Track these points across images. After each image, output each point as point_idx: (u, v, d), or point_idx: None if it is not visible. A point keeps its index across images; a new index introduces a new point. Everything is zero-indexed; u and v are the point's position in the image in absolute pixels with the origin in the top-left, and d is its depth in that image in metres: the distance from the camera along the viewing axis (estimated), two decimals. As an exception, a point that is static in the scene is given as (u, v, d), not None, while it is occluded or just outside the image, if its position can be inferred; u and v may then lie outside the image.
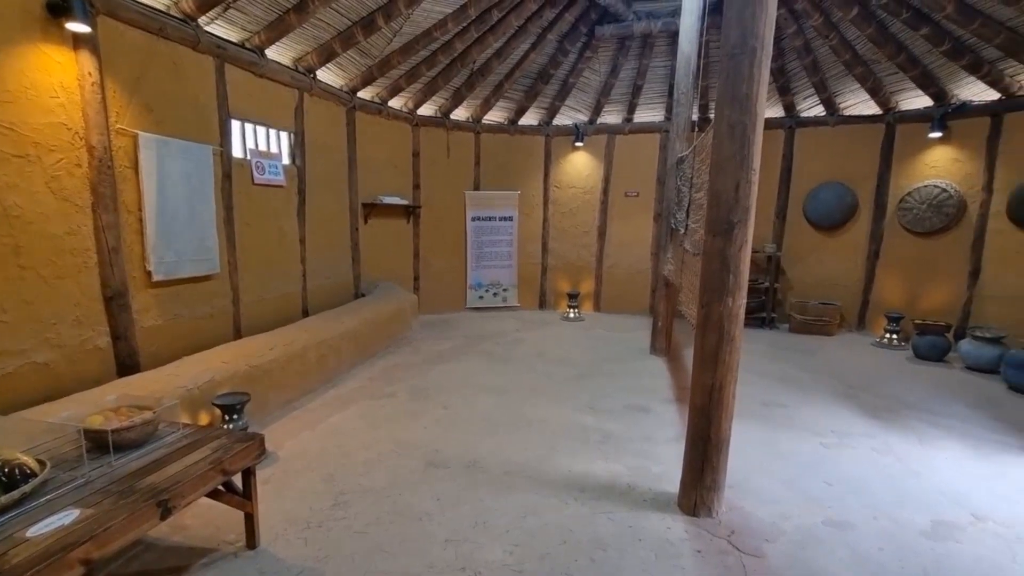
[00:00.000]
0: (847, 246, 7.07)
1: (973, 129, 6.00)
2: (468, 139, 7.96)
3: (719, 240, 2.44)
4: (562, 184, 8.27)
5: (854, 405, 4.40)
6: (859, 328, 7.07)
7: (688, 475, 2.75)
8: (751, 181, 2.35)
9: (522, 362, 5.60)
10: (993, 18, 4.82)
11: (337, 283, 6.32)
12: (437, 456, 3.41)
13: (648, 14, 6.30)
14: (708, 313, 2.53)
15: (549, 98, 7.71)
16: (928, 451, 3.55)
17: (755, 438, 3.73)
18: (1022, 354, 4.72)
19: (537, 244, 8.45)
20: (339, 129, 6.22)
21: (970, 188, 6.11)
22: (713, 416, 2.61)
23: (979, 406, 4.42)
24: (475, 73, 6.95)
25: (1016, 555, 2.44)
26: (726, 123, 2.35)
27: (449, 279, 8.14)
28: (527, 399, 4.47)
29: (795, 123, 7.16)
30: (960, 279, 6.21)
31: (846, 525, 2.67)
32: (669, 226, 5.52)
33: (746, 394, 4.59)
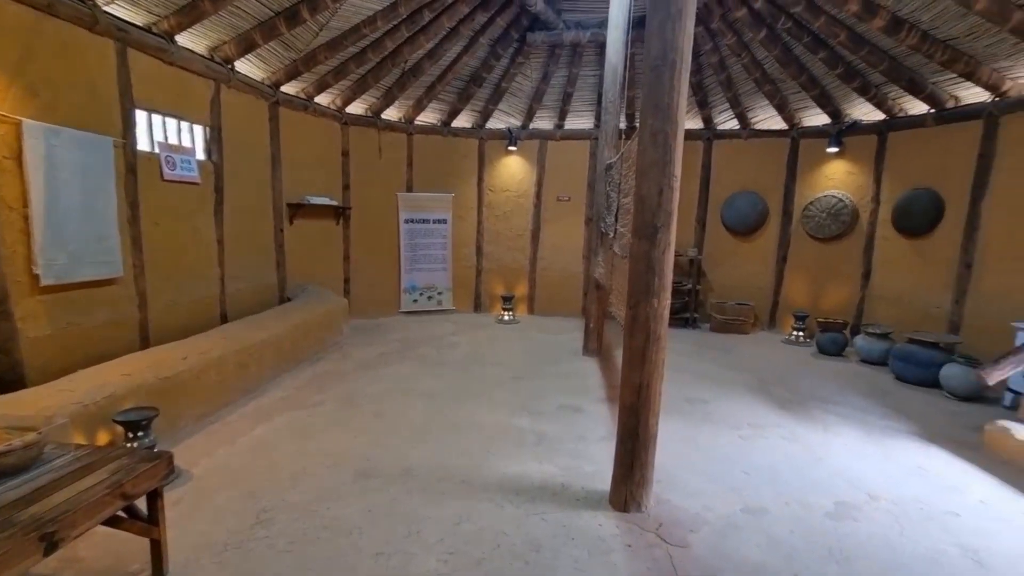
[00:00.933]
0: (759, 250, 7.61)
1: (863, 145, 6.67)
2: (400, 140, 7.81)
3: (644, 243, 2.54)
4: (496, 187, 8.30)
5: (767, 398, 4.73)
6: (770, 326, 7.63)
7: (618, 472, 2.83)
8: (673, 187, 2.47)
9: (457, 366, 5.55)
10: (878, 47, 5.39)
11: (260, 287, 5.97)
12: (368, 466, 3.29)
13: (577, 24, 6.48)
14: (635, 314, 2.62)
15: (482, 101, 7.72)
16: (830, 438, 3.88)
17: (680, 433, 3.91)
18: (906, 348, 5.28)
19: (472, 247, 8.43)
20: (261, 125, 5.89)
21: (862, 198, 6.78)
22: (641, 414, 2.70)
23: (871, 395, 4.89)
24: (407, 73, 6.83)
25: (903, 528, 2.72)
26: (649, 131, 2.45)
27: (382, 282, 7.93)
28: (462, 403, 4.43)
29: (713, 135, 7.62)
30: (855, 281, 6.87)
31: (761, 511, 2.86)
32: (599, 230, 5.69)
33: (671, 392, 4.81)
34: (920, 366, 5.08)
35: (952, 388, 4.77)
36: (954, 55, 4.91)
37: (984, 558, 2.49)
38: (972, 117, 5.36)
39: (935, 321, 5.75)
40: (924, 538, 2.64)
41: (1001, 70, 4.89)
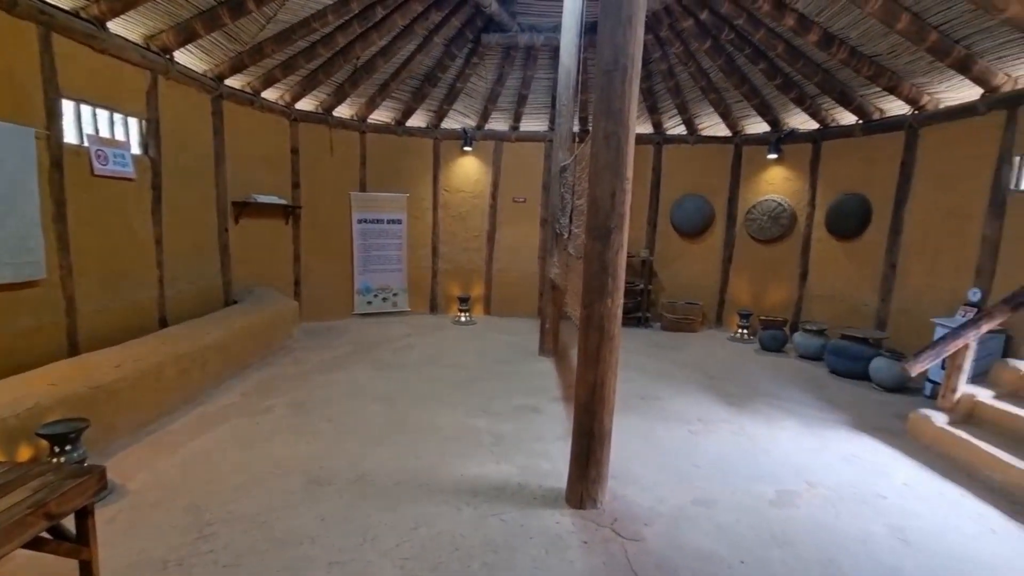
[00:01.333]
0: (707, 251, 7.92)
1: (800, 152, 7.07)
2: (353, 138, 7.63)
3: (598, 244, 2.59)
4: (452, 188, 8.25)
5: (715, 394, 4.93)
6: (717, 325, 7.95)
7: (574, 469, 2.88)
8: (625, 189, 2.53)
9: (413, 368, 5.47)
10: (812, 60, 5.73)
11: (203, 289, 5.68)
12: (321, 473, 3.19)
13: (531, 27, 6.54)
14: (590, 314, 2.67)
15: (437, 101, 7.66)
16: (773, 430, 4.08)
17: (635, 429, 4.01)
18: (839, 343, 5.63)
19: (427, 248, 8.33)
20: (203, 119, 5.61)
21: (799, 203, 7.18)
22: (596, 411, 2.76)
23: (809, 388, 5.19)
24: (359, 70, 6.68)
25: (839, 512, 2.90)
26: (602, 134, 2.51)
27: (335, 284, 7.72)
28: (418, 406, 4.38)
29: (662, 140, 7.88)
30: (793, 280, 7.27)
31: (711, 502, 2.97)
32: (554, 231, 5.76)
33: (626, 389, 4.93)
34: (851, 360, 5.43)
35: (880, 380, 5.12)
36: (878, 70, 5.28)
37: (908, 536, 2.69)
38: (895, 128, 5.78)
39: (865, 318, 6.16)
40: (856, 520, 2.83)
41: (919, 85, 5.30)
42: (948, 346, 3.73)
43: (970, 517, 2.89)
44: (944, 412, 3.81)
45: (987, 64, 4.56)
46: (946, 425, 3.68)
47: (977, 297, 4.70)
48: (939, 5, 4.30)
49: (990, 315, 3.71)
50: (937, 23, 4.46)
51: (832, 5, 4.90)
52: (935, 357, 3.77)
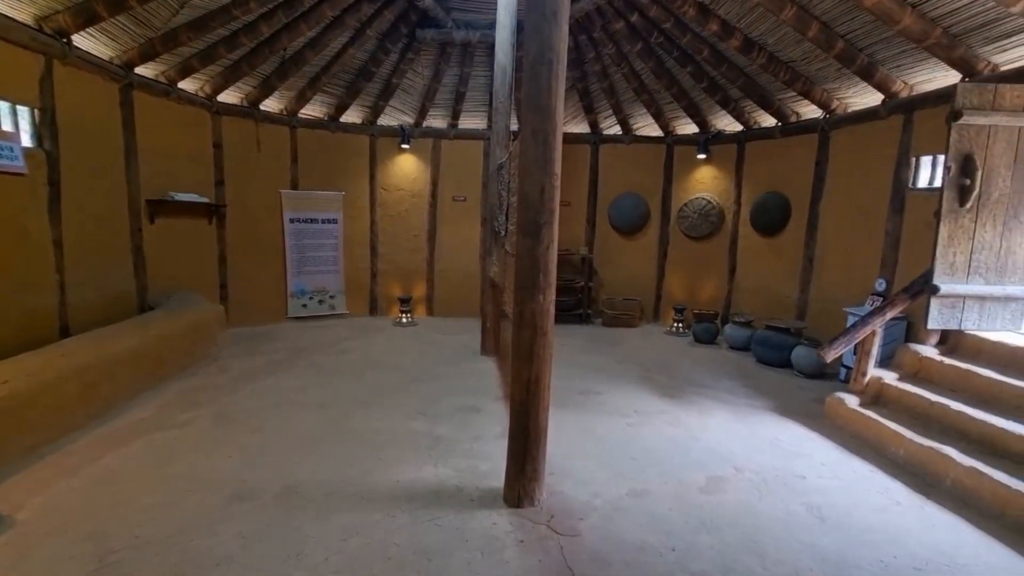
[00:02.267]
0: (643, 248, 8.16)
1: (726, 153, 7.42)
2: (283, 133, 7.28)
3: (529, 240, 2.58)
4: (390, 186, 8.05)
5: (652, 387, 5.06)
6: (655, 319, 8.21)
7: (511, 468, 2.85)
8: (554, 185, 2.53)
9: (350, 372, 5.28)
10: (735, 64, 6.01)
11: (113, 295, 5.21)
12: (244, 488, 3.00)
13: (467, 24, 6.48)
14: (522, 311, 2.65)
15: (372, 97, 7.44)
16: (704, 419, 4.24)
17: (574, 424, 4.05)
18: (764, 334, 5.95)
19: (365, 248, 8.09)
20: (110, 110, 5.16)
21: (726, 201, 7.53)
22: (531, 409, 2.74)
23: (738, 378, 5.44)
24: (287, 62, 6.37)
25: (762, 495, 3.04)
26: (530, 130, 2.50)
27: (266, 287, 7.33)
28: (354, 411, 4.22)
29: (599, 140, 8.03)
30: (723, 275, 7.62)
31: (645, 493, 3.03)
32: (493, 229, 5.73)
33: (566, 385, 4.98)
34: (775, 349, 5.74)
35: (801, 367, 5.45)
36: (794, 75, 5.61)
37: (825, 513, 2.85)
38: (809, 130, 6.17)
39: (788, 309, 6.54)
40: (779, 501, 2.97)
41: (830, 90, 5.68)
42: (858, 333, 4.01)
43: (878, 492, 3.11)
44: (855, 395, 4.09)
45: (887, 72, 4.94)
46: (857, 407, 3.95)
47: (883, 287, 5.10)
48: (845, 15, 4.61)
49: (893, 304, 4.02)
50: (843, 32, 4.79)
51: (751, 12, 5.16)
52: (847, 344, 4.04)
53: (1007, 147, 3.78)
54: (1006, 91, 3.71)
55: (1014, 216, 3.85)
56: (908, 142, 4.98)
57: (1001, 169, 3.80)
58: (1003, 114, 3.71)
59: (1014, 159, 3.79)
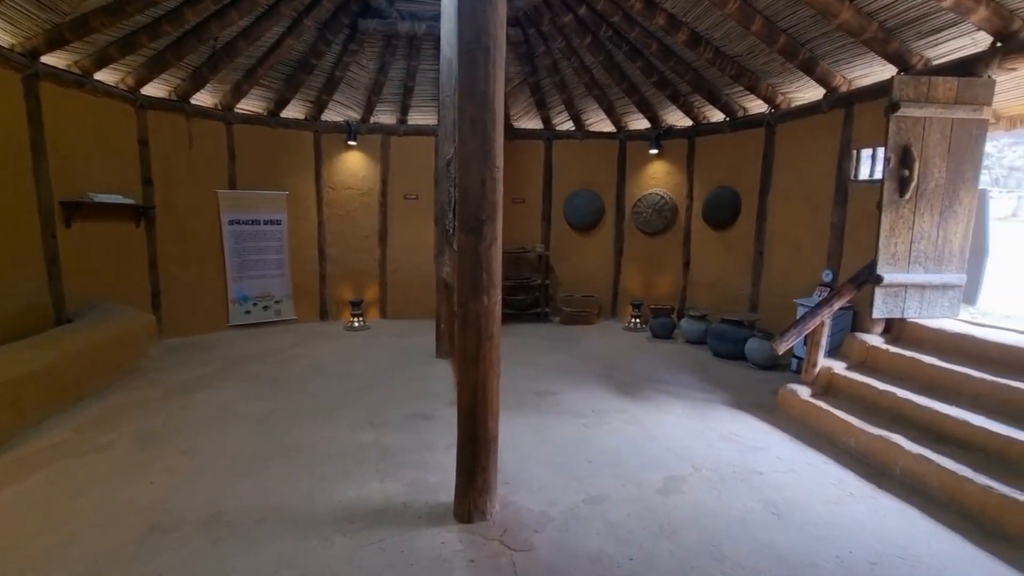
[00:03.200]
0: (599, 245, 8.13)
1: (677, 148, 7.47)
2: (218, 129, 6.82)
3: (470, 238, 2.41)
4: (337, 185, 7.70)
5: (609, 384, 4.98)
6: (613, 316, 8.19)
7: (461, 481, 2.68)
8: (496, 178, 2.37)
9: (294, 382, 4.97)
10: (683, 59, 6.02)
11: (23, 307, 4.71)
12: (165, 518, 2.70)
13: (411, 15, 6.23)
14: (466, 312, 2.48)
15: (315, 91, 7.08)
16: (662, 416, 4.18)
17: (529, 428, 3.91)
18: (719, 327, 5.99)
19: (313, 250, 7.71)
20: (11, 102, 4.64)
21: (679, 195, 7.58)
22: (479, 416, 2.57)
23: (694, 372, 5.44)
24: (218, 52, 5.95)
25: (720, 494, 2.98)
26: (468, 120, 2.33)
27: (204, 293, 6.86)
28: (296, 424, 3.94)
29: (552, 136, 7.94)
30: (678, 270, 7.67)
31: (602, 498, 2.92)
32: (444, 228, 5.52)
33: (523, 386, 4.85)
34: (730, 342, 5.79)
35: (754, 359, 5.51)
36: (740, 70, 5.66)
37: (781, 509, 2.82)
38: (756, 125, 6.26)
39: (740, 302, 6.62)
40: (736, 499, 2.92)
41: (774, 85, 5.76)
42: (807, 324, 4.04)
43: (832, 483, 3.11)
44: (807, 386, 4.13)
45: (827, 67, 5.03)
46: (809, 397, 3.98)
47: (830, 278, 5.20)
48: (787, 9, 4.65)
49: (840, 294, 4.07)
50: (786, 27, 4.84)
51: (697, 6, 5.15)
52: (798, 335, 4.07)
53: (941, 138, 3.88)
54: (939, 84, 3.80)
55: (949, 206, 3.96)
56: (849, 135, 5.09)
57: (936, 160, 3.90)
58: (937, 106, 3.81)
59: (947, 150, 3.90)
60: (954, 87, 3.79)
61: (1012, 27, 3.60)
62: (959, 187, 3.94)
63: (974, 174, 3.95)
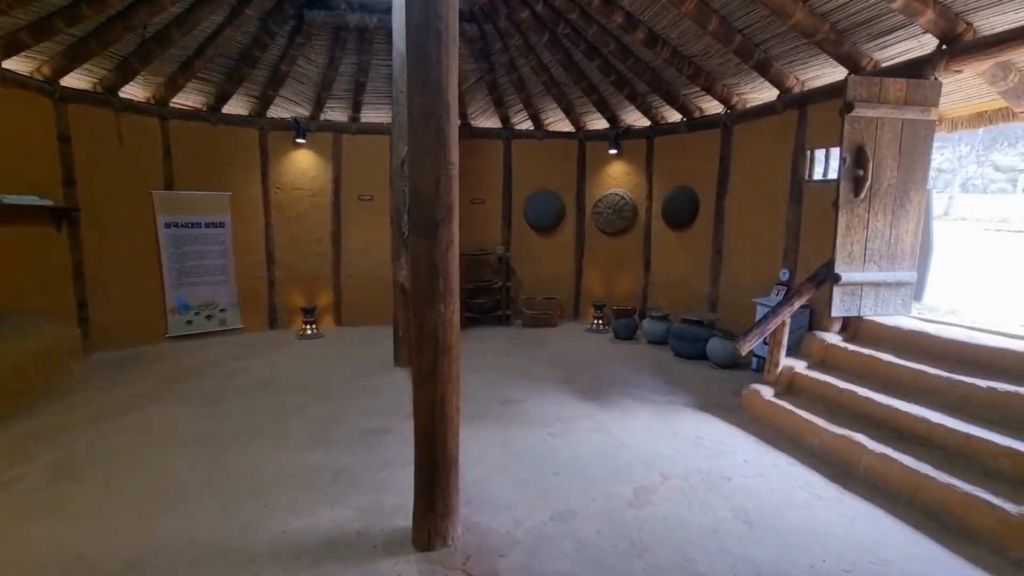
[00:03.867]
0: (560, 246, 8.03)
1: (636, 148, 7.46)
2: (151, 125, 6.30)
3: (425, 241, 2.21)
4: (285, 185, 7.28)
5: (574, 389, 4.86)
6: (575, 317, 8.11)
7: (419, 506, 2.47)
8: (451, 176, 2.18)
9: (239, 397, 4.60)
10: (641, 59, 5.99)
11: (-86, 326, 4.16)
12: (80, 564, 2.37)
13: (362, 6, 5.93)
14: (421, 322, 2.28)
15: (260, 85, 6.67)
16: (628, 421, 4.08)
17: (493, 440, 3.72)
18: (680, 327, 5.98)
19: (261, 254, 7.26)
20: (-103, 92, 4.10)
21: (639, 196, 7.58)
22: (438, 435, 2.37)
23: (658, 373, 5.39)
24: (148, 41, 5.48)
25: (691, 504, 2.88)
26: (419, 111, 2.13)
27: (138, 302, 6.31)
28: (238, 445, 3.61)
29: (511, 135, 7.79)
30: (639, 270, 7.66)
31: (570, 515, 2.77)
32: (399, 230, 5.27)
33: (486, 394, 4.66)
34: (691, 342, 5.78)
35: (716, 359, 5.52)
36: (696, 70, 5.67)
37: (752, 518, 2.74)
38: (713, 125, 6.30)
39: (700, 301, 6.66)
40: (707, 509, 2.83)
41: (730, 86, 5.80)
42: (769, 324, 4.04)
43: (799, 486, 3.08)
44: (770, 385, 4.13)
45: (781, 67, 5.09)
46: (772, 398, 3.98)
47: (786, 276, 5.26)
48: (742, 9, 4.66)
49: (799, 293, 4.09)
50: (741, 27, 4.86)
51: (654, 4, 5.11)
52: (760, 335, 4.06)
53: (892, 138, 3.95)
54: (890, 84, 3.86)
55: (901, 205, 4.04)
56: (803, 135, 5.17)
57: (888, 160, 3.97)
58: (888, 106, 3.87)
59: (899, 150, 3.97)
60: (904, 88, 3.86)
61: (957, 30, 3.69)
62: (910, 187, 4.02)
63: (923, 174, 4.04)
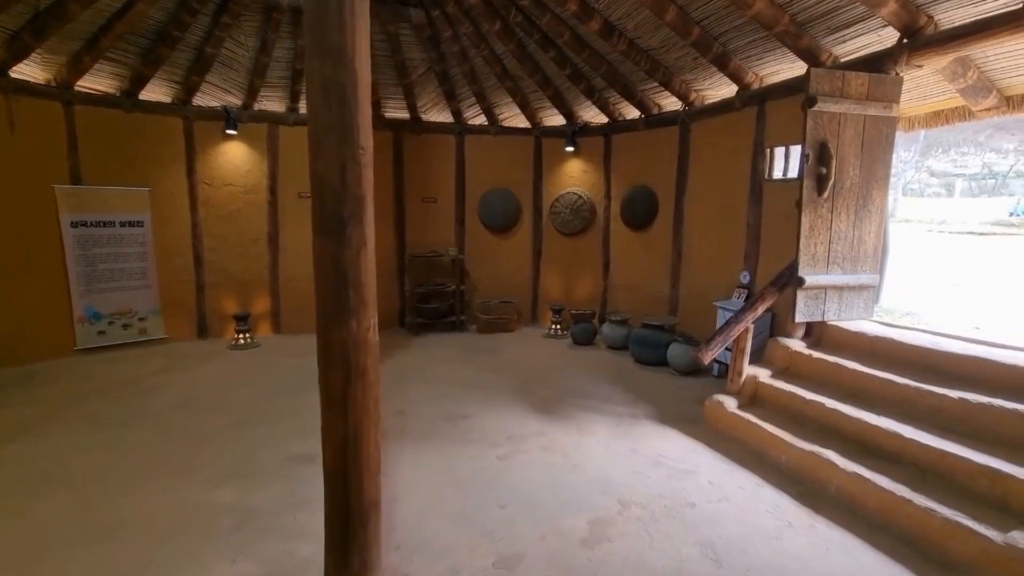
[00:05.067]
0: (517, 247, 7.68)
1: (594, 146, 7.20)
2: (52, 111, 5.56)
3: (330, 243, 1.80)
4: (215, 181, 6.63)
5: (528, 402, 4.50)
6: (533, 322, 7.78)
7: (331, 561, 2.04)
8: (361, 162, 1.77)
9: (150, 421, 4.02)
10: (597, 51, 5.71)
11: None
12: None
13: (296, -16, 5.42)
14: (327, 342, 1.87)
15: (183, 69, 6.01)
16: (584, 438, 3.75)
17: (434, 465, 3.32)
18: (640, 332, 5.73)
19: (187, 256, 6.58)
20: None
21: (597, 195, 7.32)
22: (351, 479, 1.95)
23: (617, 382, 5.10)
24: (43, 15, 4.79)
25: (652, 539, 2.56)
26: (319, 83, 1.72)
27: (39, 312, 5.56)
28: (136, 484, 3.07)
29: (464, 130, 7.38)
30: (598, 272, 7.40)
31: (517, 559, 2.40)
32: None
33: (431, 410, 4.27)
34: (651, 348, 5.54)
35: (676, 365, 5.28)
36: (654, 65, 5.43)
37: (720, 554, 2.44)
38: (671, 123, 6.09)
39: (660, 304, 6.44)
40: (670, 544, 2.51)
41: (688, 82, 5.60)
42: (733, 331, 3.80)
43: (768, 510, 2.81)
44: (733, 396, 3.89)
45: (740, 62, 4.90)
46: (736, 409, 3.74)
47: (747, 279, 5.08)
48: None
49: (763, 298, 3.87)
50: (699, 18, 4.62)
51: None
52: (723, 343, 3.82)
53: (855, 135, 3.78)
54: (852, 78, 3.69)
55: (863, 205, 3.88)
56: (762, 133, 4.99)
57: (851, 158, 3.80)
58: (851, 101, 3.69)
59: (861, 148, 3.81)
60: (866, 83, 3.70)
61: (919, 23, 3.54)
62: (872, 186, 3.87)
63: (885, 173, 3.90)
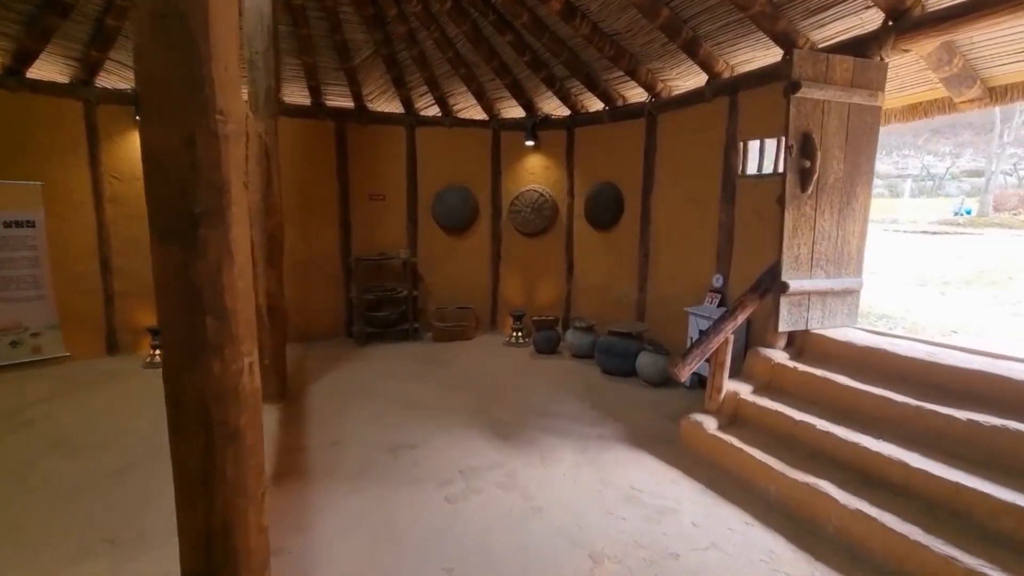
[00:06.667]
0: (475, 249, 7.13)
1: (556, 140, 6.74)
2: (-88, 90, 4.65)
3: (174, 250, 1.22)
4: (125, 174, 5.77)
5: (485, 424, 3.97)
6: (492, 329, 7.24)
7: None
8: (220, 134, 1.20)
9: (9, 468, 3.26)
10: (558, 35, 5.24)
11: None
12: None
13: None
14: (179, 392, 1.28)
15: (80, 44, 5.17)
16: (548, 471, 3.26)
17: (367, 514, 2.75)
18: (607, 340, 5.30)
19: (92, 261, 5.70)
20: None
21: (559, 193, 6.86)
22: (221, 585, 1.38)
23: (583, 396, 4.64)
24: None
25: (631, 613, 2.09)
26: (147, 15, 1.14)
27: None
28: (-36, 561, 2.37)
29: (416, 121, 6.77)
30: (561, 275, 6.95)
31: (461, 653, 1.87)
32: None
33: (372, 438, 3.69)
34: (619, 357, 5.11)
35: (646, 376, 4.87)
36: (619, 51, 5.02)
37: (716, 631, 2.00)
38: (636, 115, 5.69)
39: (627, 309, 6.04)
40: (654, 617, 2.05)
41: (655, 71, 5.21)
42: (711, 343, 3.39)
43: (762, 559, 2.39)
44: (712, 415, 3.47)
45: (710, 48, 4.53)
46: (717, 431, 3.32)
47: (720, 283, 4.72)
48: (672, -26, 4.03)
49: (743, 305, 3.49)
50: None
51: (572, -34, 4.37)
52: (701, 356, 3.40)
53: (839, 126, 3.45)
54: (837, 62, 3.35)
55: (847, 203, 3.56)
56: (735, 126, 4.64)
57: (835, 150, 3.46)
58: (835, 88, 3.35)
59: (845, 139, 3.48)
60: (851, 67, 3.36)
61: (906, 3, 3.23)
62: (856, 181, 3.54)
63: (869, 167, 3.58)
